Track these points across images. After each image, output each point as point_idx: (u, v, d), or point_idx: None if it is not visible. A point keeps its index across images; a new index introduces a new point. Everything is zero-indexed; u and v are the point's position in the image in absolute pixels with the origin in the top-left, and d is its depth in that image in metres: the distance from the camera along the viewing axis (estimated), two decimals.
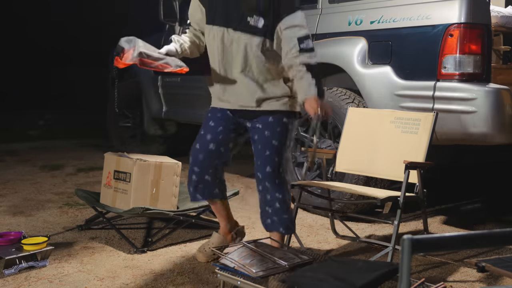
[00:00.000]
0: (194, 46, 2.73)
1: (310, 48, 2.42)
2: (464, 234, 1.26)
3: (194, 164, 2.70)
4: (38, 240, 2.87)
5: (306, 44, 2.41)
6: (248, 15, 2.44)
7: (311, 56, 2.44)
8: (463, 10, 3.17)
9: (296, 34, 2.41)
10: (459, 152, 3.74)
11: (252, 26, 2.44)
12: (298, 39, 2.41)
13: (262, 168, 2.59)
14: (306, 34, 2.44)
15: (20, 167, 5.64)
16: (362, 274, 1.97)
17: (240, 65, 2.54)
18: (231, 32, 2.50)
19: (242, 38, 2.47)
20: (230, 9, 2.49)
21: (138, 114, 6.18)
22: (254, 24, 2.43)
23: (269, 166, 2.58)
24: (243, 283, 2.07)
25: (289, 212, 2.67)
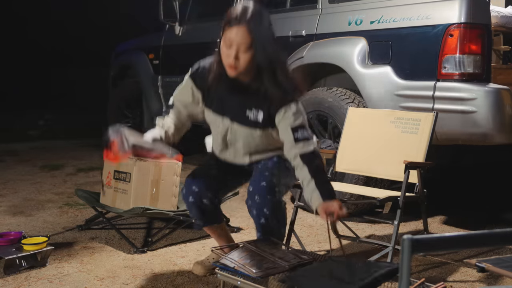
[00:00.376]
0: (178, 132, 2.58)
1: (304, 137, 2.31)
2: (464, 234, 1.26)
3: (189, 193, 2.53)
4: (38, 240, 2.87)
5: (301, 134, 2.31)
6: (247, 109, 2.39)
7: (306, 145, 2.31)
8: (463, 10, 3.17)
9: (290, 125, 2.33)
10: (459, 152, 3.74)
11: (251, 120, 2.39)
12: (292, 129, 2.32)
13: (256, 182, 2.40)
14: (301, 123, 2.33)
15: (20, 167, 5.65)
16: (362, 274, 1.97)
17: (242, 149, 2.48)
18: (230, 123, 2.44)
19: (243, 131, 2.42)
20: (230, 101, 2.42)
21: (138, 114, 6.18)
22: (253, 119, 2.39)
23: (265, 182, 2.39)
24: (243, 283, 2.07)
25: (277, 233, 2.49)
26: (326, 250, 3.10)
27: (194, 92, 2.49)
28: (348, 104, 3.64)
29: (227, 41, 2.27)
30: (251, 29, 2.21)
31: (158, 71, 5.65)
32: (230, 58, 2.26)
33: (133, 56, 6.06)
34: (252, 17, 2.22)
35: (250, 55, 2.24)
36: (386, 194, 2.76)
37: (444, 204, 4.14)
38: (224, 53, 2.29)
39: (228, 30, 2.26)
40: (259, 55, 2.24)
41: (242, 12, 2.24)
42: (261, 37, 2.24)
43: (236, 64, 2.26)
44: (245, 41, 2.23)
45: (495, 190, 4.59)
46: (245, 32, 2.22)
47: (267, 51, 2.26)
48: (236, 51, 2.24)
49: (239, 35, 2.23)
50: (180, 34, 5.39)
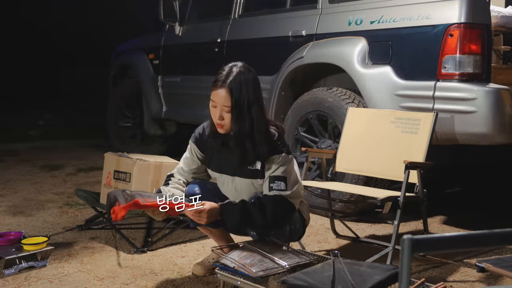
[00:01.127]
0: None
1: (279, 189, 2.36)
2: (464, 234, 1.26)
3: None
4: (38, 240, 2.87)
5: (277, 186, 2.37)
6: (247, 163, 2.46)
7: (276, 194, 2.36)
8: (463, 10, 3.17)
9: (270, 173, 2.39)
10: (459, 152, 3.74)
11: (252, 170, 2.45)
12: (270, 177, 2.38)
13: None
14: (281, 175, 2.37)
15: (20, 167, 5.65)
16: (365, 277, 1.97)
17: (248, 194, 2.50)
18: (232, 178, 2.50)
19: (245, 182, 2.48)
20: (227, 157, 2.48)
21: (138, 114, 6.18)
22: (253, 168, 2.45)
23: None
24: (243, 283, 2.07)
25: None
26: (326, 250, 3.11)
27: (198, 155, 2.59)
28: (348, 104, 3.64)
29: (212, 101, 2.39)
30: (232, 92, 2.32)
31: (158, 71, 5.65)
32: (215, 117, 2.39)
33: (133, 56, 6.06)
34: (234, 81, 2.33)
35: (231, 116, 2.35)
36: (386, 194, 2.76)
37: (445, 204, 4.14)
38: (212, 111, 2.41)
39: (213, 91, 2.38)
40: (238, 118, 2.34)
41: (226, 74, 2.35)
42: (240, 102, 2.33)
43: (222, 123, 2.39)
44: (226, 103, 2.34)
45: (496, 190, 4.59)
46: (226, 94, 2.33)
47: (246, 115, 2.35)
48: (220, 111, 2.36)
49: (221, 97, 2.35)
50: (180, 34, 5.39)
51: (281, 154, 2.40)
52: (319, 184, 3.23)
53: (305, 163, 3.24)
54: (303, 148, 3.35)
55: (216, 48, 4.80)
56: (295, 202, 2.42)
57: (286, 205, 2.37)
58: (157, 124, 5.95)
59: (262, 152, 2.39)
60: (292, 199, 2.40)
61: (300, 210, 2.54)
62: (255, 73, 2.42)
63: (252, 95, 2.36)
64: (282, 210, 2.36)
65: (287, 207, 2.38)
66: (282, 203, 2.36)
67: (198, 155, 2.59)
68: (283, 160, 2.39)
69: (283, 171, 2.39)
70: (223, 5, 4.92)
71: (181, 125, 5.92)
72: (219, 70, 2.41)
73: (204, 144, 2.57)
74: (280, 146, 2.42)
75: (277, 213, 2.35)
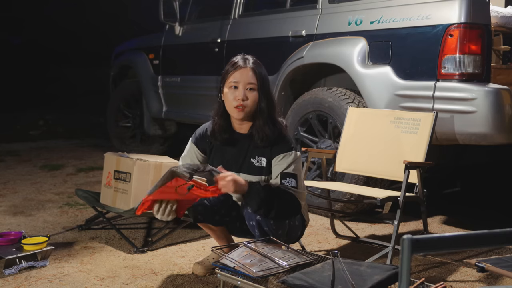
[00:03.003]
0: None
1: (291, 185, 2.39)
2: (464, 234, 1.26)
3: None
4: (38, 240, 2.87)
5: (288, 182, 2.39)
6: (251, 158, 2.48)
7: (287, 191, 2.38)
8: (463, 10, 3.18)
9: (282, 170, 2.41)
10: (459, 152, 3.74)
11: (258, 167, 2.47)
12: (282, 174, 2.40)
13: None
14: (292, 173, 2.40)
15: (20, 167, 5.65)
16: (365, 277, 1.97)
17: None
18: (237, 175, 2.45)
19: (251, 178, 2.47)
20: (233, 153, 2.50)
21: (138, 114, 6.19)
22: (258, 165, 2.47)
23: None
24: (243, 283, 2.07)
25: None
26: (326, 250, 3.11)
27: (198, 156, 2.59)
28: (348, 104, 3.64)
29: (232, 83, 2.41)
30: (256, 70, 2.42)
31: (158, 71, 5.65)
32: (238, 98, 2.40)
33: (133, 56, 6.07)
34: (255, 63, 2.46)
35: (256, 95, 2.41)
36: (386, 194, 2.76)
37: (445, 204, 4.14)
38: (231, 96, 2.42)
39: (232, 74, 2.42)
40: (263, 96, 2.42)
41: (245, 59, 2.46)
42: (264, 81, 2.43)
43: (245, 103, 2.40)
44: (252, 80, 2.40)
45: (495, 190, 4.59)
46: (251, 72, 2.42)
47: (269, 95, 2.45)
48: (243, 90, 2.40)
49: (246, 75, 2.41)
50: (180, 34, 5.40)
51: (293, 152, 2.43)
52: (319, 184, 3.24)
53: (305, 163, 3.24)
54: (303, 148, 3.35)
55: (216, 48, 4.81)
56: (302, 203, 2.44)
57: (296, 203, 2.39)
58: (157, 124, 5.96)
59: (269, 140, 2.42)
60: (301, 199, 2.42)
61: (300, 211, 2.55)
62: None
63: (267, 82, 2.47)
64: (292, 209, 2.39)
65: (296, 205, 2.40)
66: (294, 199, 2.38)
67: (198, 156, 2.59)
68: (294, 158, 2.43)
69: (294, 169, 2.42)
70: (223, 5, 4.93)
71: (181, 125, 5.93)
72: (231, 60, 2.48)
73: (206, 144, 2.57)
74: (290, 143, 2.45)
75: (288, 211, 2.38)
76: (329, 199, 3.33)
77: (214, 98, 2.56)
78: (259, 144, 2.44)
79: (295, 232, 2.53)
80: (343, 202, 3.57)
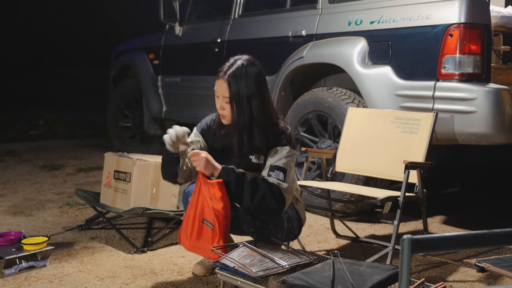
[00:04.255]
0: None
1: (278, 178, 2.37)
2: (464, 234, 1.26)
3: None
4: (38, 240, 2.87)
5: (275, 175, 2.38)
6: (250, 154, 2.46)
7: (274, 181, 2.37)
8: (463, 10, 3.18)
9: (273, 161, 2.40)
10: (460, 152, 3.74)
11: (255, 163, 2.46)
12: (271, 166, 2.40)
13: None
14: (282, 166, 2.39)
15: (20, 167, 5.65)
16: (365, 277, 1.98)
17: None
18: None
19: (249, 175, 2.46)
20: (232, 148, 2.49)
21: (138, 114, 6.19)
22: (257, 162, 2.46)
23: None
24: (243, 283, 2.07)
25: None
26: (326, 250, 3.11)
27: (200, 144, 2.59)
28: (348, 104, 3.64)
29: (215, 91, 2.44)
30: (230, 84, 2.38)
31: (158, 71, 5.65)
32: (217, 107, 2.45)
33: (133, 56, 6.07)
34: (234, 73, 2.38)
35: (229, 107, 2.40)
36: (386, 194, 2.76)
37: (445, 204, 4.14)
38: (216, 101, 2.45)
39: (215, 81, 2.43)
40: (236, 109, 2.39)
41: (229, 66, 2.41)
42: (239, 94, 2.38)
43: (223, 113, 2.43)
44: (225, 94, 2.39)
45: (495, 190, 4.59)
46: (225, 84, 2.38)
47: (245, 107, 2.39)
48: (221, 101, 2.42)
49: (221, 88, 2.41)
50: (180, 34, 5.40)
51: (286, 147, 2.42)
52: (319, 184, 3.24)
53: (305, 163, 3.24)
54: (303, 148, 3.35)
55: (216, 48, 4.81)
56: (287, 197, 2.40)
57: (279, 196, 2.36)
58: (157, 124, 5.96)
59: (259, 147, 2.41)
60: (286, 193, 2.39)
61: (297, 210, 2.55)
62: (260, 67, 2.45)
63: (253, 88, 2.39)
64: (272, 200, 2.35)
65: (279, 199, 2.36)
66: (276, 193, 2.35)
67: (201, 144, 2.58)
68: (287, 153, 2.41)
69: (285, 164, 2.40)
70: (223, 5, 4.93)
71: (181, 125, 5.91)
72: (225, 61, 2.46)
73: (210, 135, 2.57)
74: (286, 140, 2.43)
75: (266, 201, 2.35)
76: (329, 199, 3.33)
77: (213, 98, 2.56)
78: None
79: (292, 232, 2.53)
80: (343, 202, 3.58)
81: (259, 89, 2.41)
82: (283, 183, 2.38)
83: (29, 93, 10.82)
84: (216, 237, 2.36)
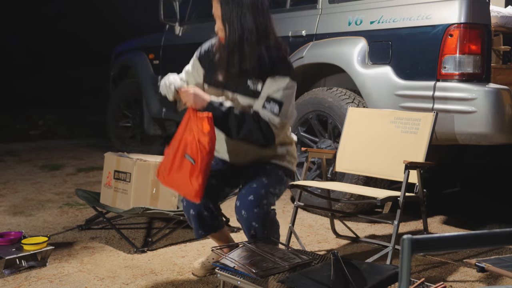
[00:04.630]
0: None
1: (272, 111, 2.35)
2: (464, 234, 1.26)
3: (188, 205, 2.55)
4: (38, 240, 2.87)
5: (270, 106, 2.35)
6: (248, 79, 2.42)
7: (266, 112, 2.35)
8: (463, 10, 3.18)
9: (269, 93, 2.37)
10: (461, 152, 3.74)
11: (252, 90, 2.42)
12: (267, 97, 2.36)
13: (243, 197, 2.39)
14: (278, 99, 2.35)
15: (20, 167, 5.65)
16: (365, 277, 1.98)
17: None
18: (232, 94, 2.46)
19: (244, 101, 2.44)
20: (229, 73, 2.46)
21: (138, 114, 6.18)
22: (254, 89, 2.41)
23: (252, 196, 2.37)
24: (243, 283, 2.07)
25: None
26: (326, 250, 3.11)
27: (198, 71, 2.59)
28: (348, 104, 3.64)
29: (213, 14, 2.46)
30: (221, 3, 2.39)
31: (158, 71, 5.65)
32: (215, 29, 2.46)
33: (133, 56, 6.06)
34: None
35: (221, 25, 2.40)
36: (386, 194, 2.76)
37: (445, 204, 4.14)
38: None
39: (212, 2, 2.45)
40: (227, 27, 2.38)
41: None
42: (228, 13, 2.37)
43: (221, 34, 2.42)
44: (218, 14, 2.40)
45: (495, 190, 4.59)
46: (217, 5, 2.40)
47: (236, 26, 2.36)
48: (218, 22, 2.43)
49: (216, 8, 2.42)
50: (180, 34, 5.40)
51: (286, 78, 2.38)
52: (319, 184, 3.23)
53: (305, 163, 3.24)
54: (303, 148, 3.35)
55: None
56: (277, 133, 2.39)
57: (266, 132, 2.35)
58: (157, 124, 5.95)
59: (251, 69, 2.37)
60: (277, 128, 2.37)
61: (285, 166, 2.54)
62: None
63: (246, 9, 2.36)
64: (259, 136, 2.35)
65: (266, 135, 2.36)
66: (264, 129, 2.35)
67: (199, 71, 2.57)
68: (286, 85, 2.38)
69: (282, 96, 2.37)
70: None
71: None
72: None
73: (208, 60, 2.55)
74: (286, 69, 2.39)
75: (252, 136, 2.35)
76: (329, 199, 3.33)
77: None
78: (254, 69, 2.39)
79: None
80: (343, 202, 3.58)
81: (253, 10, 2.37)
82: (275, 118, 2.35)
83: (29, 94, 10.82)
84: (196, 172, 2.32)
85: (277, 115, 2.35)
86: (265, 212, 2.39)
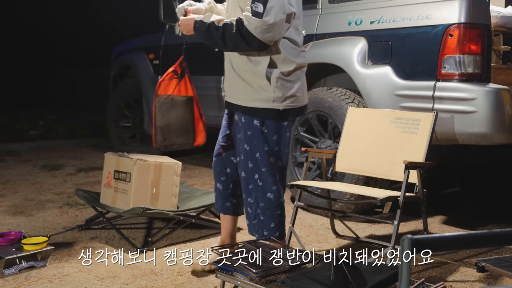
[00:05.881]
0: None
1: (256, 12, 2.33)
2: (464, 234, 1.26)
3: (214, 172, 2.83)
4: (38, 240, 2.87)
5: (255, 7, 2.34)
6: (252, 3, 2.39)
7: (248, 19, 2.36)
8: (463, 10, 3.17)
9: None
10: (461, 152, 3.74)
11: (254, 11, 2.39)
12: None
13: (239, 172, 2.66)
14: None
15: (20, 167, 5.64)
16: (365, 277, 1.98)
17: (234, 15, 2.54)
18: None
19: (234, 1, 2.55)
20: None
21: (138, 114, 6.18)
22: (256, 10, 2.39)
23: (243, 172, 2.62)
24: (243, 283, 2.07)
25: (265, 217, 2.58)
26: (326, 250, 3.10)
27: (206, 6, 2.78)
28: (348, 104, 3.64)
29: None
30: None
31: (158, 71, 5.64)
32: None
33: (133, 56, 6.06)
34: None
35: None
36: (386, 194, 2.76)
37: (445, 204, 4.14)
38: None
39: None
40: None
41: None
42: None
43: None
44: None
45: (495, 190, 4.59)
46: None
47: None
48: None
49: None
50: (180, 34, 5.38)
51: None
52: (319, 184, 3.23)
53: (305, 163, 3.24)
54: (303, 148, 3.35)
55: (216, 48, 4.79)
56: (262, 37, 2.37)
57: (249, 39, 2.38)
58: None
59: None
60: (261, 30, 2.35)
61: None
62: None
63: None
64: (244, 45, 2.42)
65: (250, 41, 2.39)
66: (246, 36, 2.38)
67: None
68: None
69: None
70: None
71: None
72: None
73: None
74: None
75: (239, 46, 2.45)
76: (329, 199, 3.33)
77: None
78: None
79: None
80: (343, 202, 3.57)
81: None
82: (254, 20, 2.34)
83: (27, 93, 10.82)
84: None
85: (262, 13, 2.34)
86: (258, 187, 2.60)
